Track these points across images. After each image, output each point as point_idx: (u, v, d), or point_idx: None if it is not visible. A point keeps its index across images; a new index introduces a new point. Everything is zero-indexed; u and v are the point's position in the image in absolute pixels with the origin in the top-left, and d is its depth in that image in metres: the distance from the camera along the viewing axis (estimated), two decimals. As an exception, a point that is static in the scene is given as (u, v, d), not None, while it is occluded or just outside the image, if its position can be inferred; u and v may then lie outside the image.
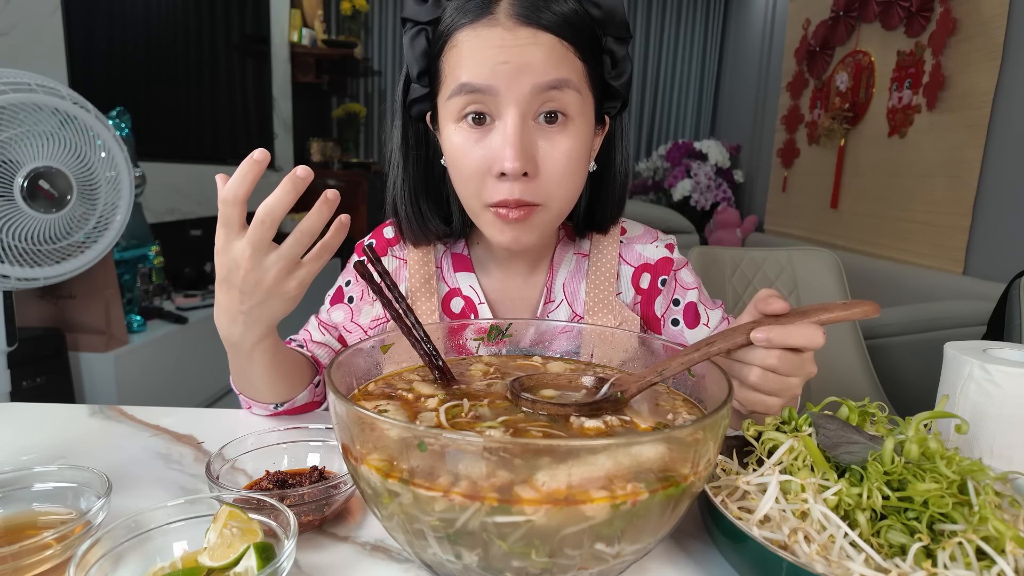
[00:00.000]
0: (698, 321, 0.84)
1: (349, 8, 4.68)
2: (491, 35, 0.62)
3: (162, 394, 2.18)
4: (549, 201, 0.68)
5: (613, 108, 0.74)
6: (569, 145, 0.66)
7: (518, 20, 0.62)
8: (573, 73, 0.64)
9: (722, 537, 0.47)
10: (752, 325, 0.54)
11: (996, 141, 2.20)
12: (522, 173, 0.64)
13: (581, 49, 0.65)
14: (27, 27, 2.02)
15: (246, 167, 0.54)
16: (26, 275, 1.41)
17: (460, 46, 0.64)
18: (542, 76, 0.62)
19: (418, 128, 0.76)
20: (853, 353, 1.74)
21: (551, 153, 0.65)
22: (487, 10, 0.63)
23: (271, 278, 0.58)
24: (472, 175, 0.67)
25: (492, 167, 0.65)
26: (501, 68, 0.62)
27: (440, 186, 0.78)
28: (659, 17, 5.11)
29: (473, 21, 0.63)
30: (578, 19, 0.64)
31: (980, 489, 0.45)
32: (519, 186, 0.65)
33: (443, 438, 0.36)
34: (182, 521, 0.46)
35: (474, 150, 0.66)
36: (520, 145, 0.63)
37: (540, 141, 0.65)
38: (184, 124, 3.12)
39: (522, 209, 0.66)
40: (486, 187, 0.67)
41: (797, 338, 0.52)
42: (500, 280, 0.84)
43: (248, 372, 0.69)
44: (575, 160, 0.67)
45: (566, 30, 0.63)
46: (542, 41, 0.62)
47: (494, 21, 0.62)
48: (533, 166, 0.65)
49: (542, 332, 0.65)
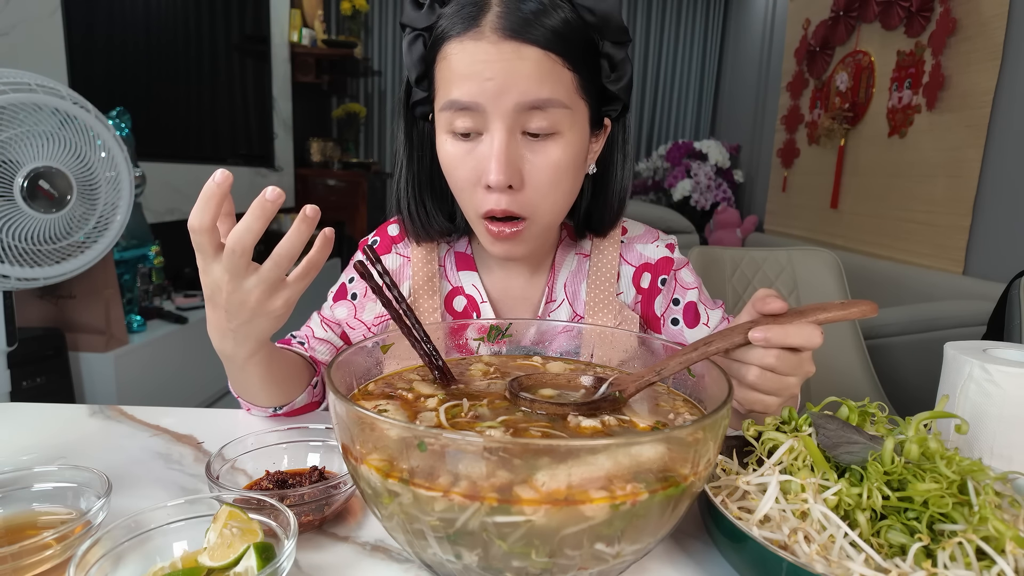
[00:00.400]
0: (698, 321, 0.84)
1: (349, 8, 4.68)
2: (476, 49, 0.62)
3: (162, 394, 2.18)
4: (535, 214, 0.69)
5: (613, 111, 0.73)
6: (556, 157, 0.66)
7: (503, 34, 0.62)
8: (560, 87, 0.64)
9: (722, 537, 0.47)
10: (750, 325, 0.54)
11: (996, 141, 2.20)
12: (507, 186, 0.65)
13: (572, 59, 0.64)
14: (27, 27, 2.02)
15: (208, 192, 0.52)
16: (26, 275, 1.41)
17: (449, 59, 0.65)
18: (525, 95, 0.63)
19: (421, 128, 0.77)
20: (853, 353, 1.74)
21: (537, 165, 0.66)
22: (474, 23, 0.63)
23: (254, 300, 0.56)
24: (464, 185, 0.69)
25: (481, 178, 0.67)
26: (487, 85, 0.62)
27: (444, 184, 0.79)
28: (659, 17, 5.11)
29: (461, 33, 0.63)
30: (568, 29, 0.64)
31: (980, 489, 0.45)
32: (505, 198, 0.66)
33: (443, 438, 0.36)
34: (182, 521, 0.46)
35: (465, 161, 0.67)
36: (505, 160, 0.64)
37: (527, 153, 0.66)
38: (184, 124, 3.12)
39: (509, 226, 0.68)
40: (476, 196, 0.68)
41: (795, 337, 0.53)
42: (502, 279, 0.84)
43: (244, 380, 0.70)
44: (562, 171, 0.67)
45: (554, 43, 0.63)
46: (527, 56, 0.62)
47: (479, 35, 0.62)
48: (518, 179, 0.66)
49: (542, 332, 0.65)
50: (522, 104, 0.63)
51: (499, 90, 0.62)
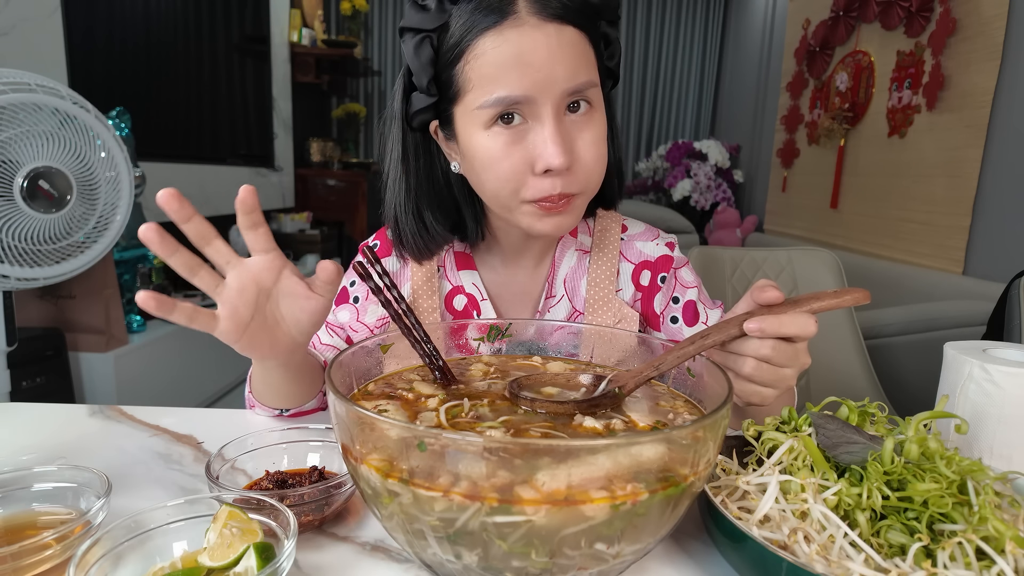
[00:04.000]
0: (697, 320, 0.84)
1: (349, 8, 4.68)
2: (521, 37, 0.62)
3: (162, 394, 2.18)
4: (586, 188, 0.70)
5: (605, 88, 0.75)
6: (597, 132, 0.68)
7: (543, 16, 0.62)
8: (591, 67, 0.67)
9: (722, 537, 0.47)
10: (745, 317, 0.54)
11: (996, 141, 2.20)
12: (567, 167, 0.66)
13: (594, 37, 0.67)
14: (27, 27, 2.02)
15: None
16: (26, 275, 1.41)
17: (488, 54, 0.63)
18: (571, 81, 0.64)
19: (417, 139, 0.75)
20: (853, 353, 1.74)
21: (585, 141, 0.68)
22: (509, 10, 0.62)
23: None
24: (511, 175, 0.67)
25: (535, 165, 0.66)
26: (537, 76, 0.63)
27: (447, 194, 0.78)
28: (659, 17, 5.11)
29: (497, 23, 0.62)
30: (587, 7, 0.66)
31: (980, 489, 0.45)
32: (561, 180, 0.67)
33: (443, 438, 0.36)
34: (182, 521, 0.46)
35: (511, 151, 0.66)
36: (562, 142, 0.65)
37: (573, 131, 0.67)
38: (184, 124, 3.11)
39: (564, 199, 0.69)
40: (526, 185, 0.68)
41: (789, 327, 0.53)
42: (502, 275, 0.84)
43: (266, 379, 0.71)
44: (602, 144, 0.69)
45: (581, 19, 0.65)
46: (567, 38, 0.63)
47: (518, 21, 0.62)
48: (573, 159, 0.67)
49: (542, 331, 0.66)
50: (568, 90, 0.64)
51: (549, 80, 0.63)
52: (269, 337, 0.57)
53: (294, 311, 0.56)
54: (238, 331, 0.54)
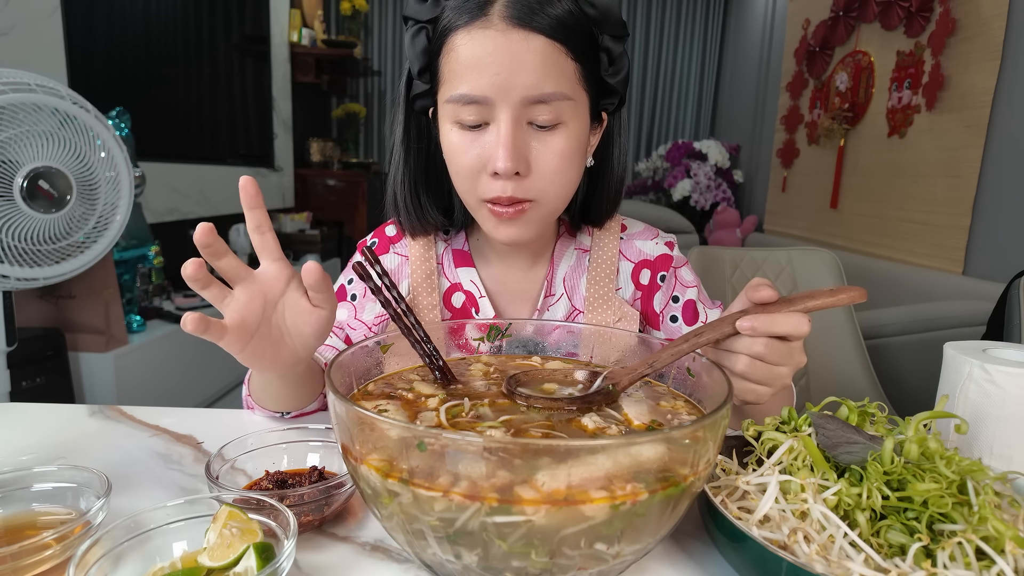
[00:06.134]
0: (697, 319, 0.84)
1: (349, 8, 4.68)
2: (484, 39, 0.63)
3: (162, 394, 2.17)
4: (542, 197, 0.70)
5: (611, 104, 0.74)
6: (561, 146, 0.67)
7: (511, 23, 0.63)
8: (564, 79, 0.65)
9: (722, 537, 0.47)
10: (739, 315, 0.54)
11: (995, 141, 2.20)
12: (514, 172, 0.66)
13: (575, 50, 0.66)
14: (27, 27, 2.02)
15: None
16: (26, 275, 1.41)
17: (457, 50, 0.65)
18: (531, 90, 0.64)
19: (420, 122, 0.78)
20: (853, 353, 1.74)
21: (543, 153, 0.67)
22: (481, 12, 0.63)
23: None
24: (468, 172, 0.69)
25: (487, 166, 0.67)
26: (495, 79, 0.63)
27: (441, 179, 0.79)
28: (659, 17, 5.11)
29: (468, 23, 0.64)
30: (573, 20, 0.65)
31: (980, 489, 0.45)
32: (511, 184, 0.67)
33: (443, 438, 0.36)
34: (182, 521, 0.46)
35: (470, 149, 0.68)
36: (512, 147, 0.65)
37: (533, 142, 0.67)
38: (184, 124, 3.11)
39: (515, 206, 0.69)
40: (481, 183, 0.69)
41: (782, 325, 0.53)
42: (501, 273, 0.85)
43: (264, 385, 0.72)
44: (568, 158, 0.68)
45: (560, 32, 0.64)
46: (534, 46, 0.63)
47: (487, 23, 0.63)
48: (525, 166, 0.67)
49: (541, 330, 0.66)
50: (528, 98, 0.64)
51: (507, 84, 0.63)
52: (272, 349, 0.58)
53: (299, 324, 0.58)
54: (243, 340, 0.55)
